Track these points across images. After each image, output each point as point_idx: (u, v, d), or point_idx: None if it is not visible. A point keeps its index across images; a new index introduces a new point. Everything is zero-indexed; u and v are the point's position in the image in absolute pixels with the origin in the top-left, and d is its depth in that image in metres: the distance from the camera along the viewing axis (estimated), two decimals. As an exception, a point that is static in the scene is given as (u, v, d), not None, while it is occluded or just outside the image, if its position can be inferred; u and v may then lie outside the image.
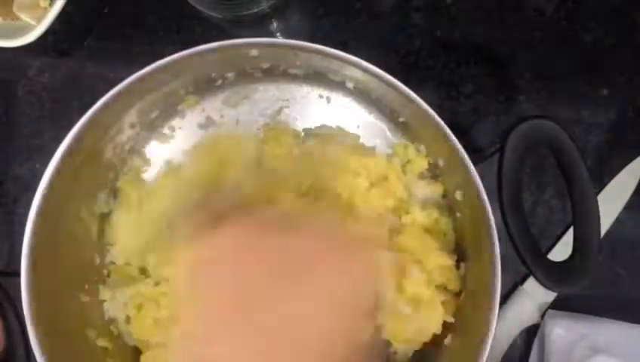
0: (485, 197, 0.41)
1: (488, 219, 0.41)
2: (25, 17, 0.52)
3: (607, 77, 0.55)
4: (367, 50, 0.55)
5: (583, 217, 0.42)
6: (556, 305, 0.51)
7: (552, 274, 0.42)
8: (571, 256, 0.42)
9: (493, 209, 0.41)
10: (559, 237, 0.53)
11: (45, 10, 0.52)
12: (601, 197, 0.52)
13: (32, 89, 0.56)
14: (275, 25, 0.56)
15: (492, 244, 0.41)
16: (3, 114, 0.56)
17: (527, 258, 0.41)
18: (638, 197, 0.53)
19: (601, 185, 0.53)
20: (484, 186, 0.41)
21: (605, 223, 0.52)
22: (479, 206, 0.41)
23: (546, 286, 0.42)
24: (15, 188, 0.55)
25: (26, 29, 0.52)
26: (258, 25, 0.54)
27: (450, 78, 0.55)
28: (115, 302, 0.48)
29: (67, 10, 0.53)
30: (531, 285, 0.51)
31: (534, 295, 0.51)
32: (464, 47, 0.55)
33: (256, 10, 0.51)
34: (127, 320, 0.48)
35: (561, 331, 0.49)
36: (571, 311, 0.51)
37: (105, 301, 0.49)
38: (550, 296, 0.51)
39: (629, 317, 0.51)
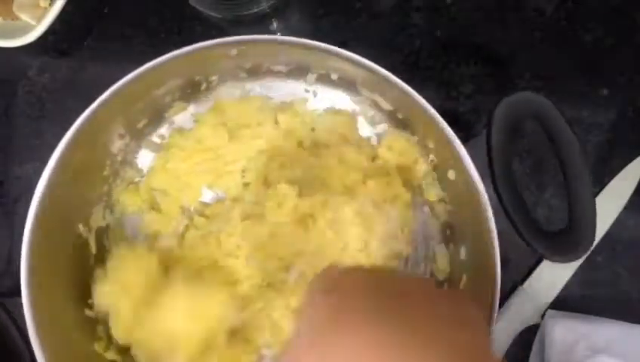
0: (475, 172, 0.41)
1: (480, 193, 0.41)
2: (25, 17, 0.52)
3: (607, 77, 0.55)
4: (366, 50, 0.55)
5: (574, 180, 0.42)
6: (556, 305, 0.51)
7: (549, 243, 0.42)
8: (567, 226, 0.42)
9: (486, 185, 0.42)
10: (559, 237, 0.53)
11: (45, 10, 0.52)
12: (601, 197, 0.52)
13: (32, 89, 0.56)
14: (275, 25, 0.56)
15: (487, 219, 0.41)
16: (3, 114, 0.56)
17: (522, 228, 0.41)
18: (638, 197, 0.53)
19: (601, 185, 0.53)
20: (476, 164, 0.42)
21: (605, 223, 0.52)
22: (471, 181, 0.41)
23: (545, 256, 0.42)
24: (15, 188, 0.55)
25: (26, 29, 0.52)
26: (258, 25, 0.54)
27: (450, 78, 0.55)
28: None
29: (67, 10, 0.53)
30: (531, 285, 0.51)
31: (534, 295, 0.51)
32: (464, 47, 0.55)
33: (256, 10, 0.51)
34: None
35: (561, 331, 0.49)
36: (571, 311, 0.51)
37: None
38: (550, 296, 0.51)
39: (629, 317, 0.51)
